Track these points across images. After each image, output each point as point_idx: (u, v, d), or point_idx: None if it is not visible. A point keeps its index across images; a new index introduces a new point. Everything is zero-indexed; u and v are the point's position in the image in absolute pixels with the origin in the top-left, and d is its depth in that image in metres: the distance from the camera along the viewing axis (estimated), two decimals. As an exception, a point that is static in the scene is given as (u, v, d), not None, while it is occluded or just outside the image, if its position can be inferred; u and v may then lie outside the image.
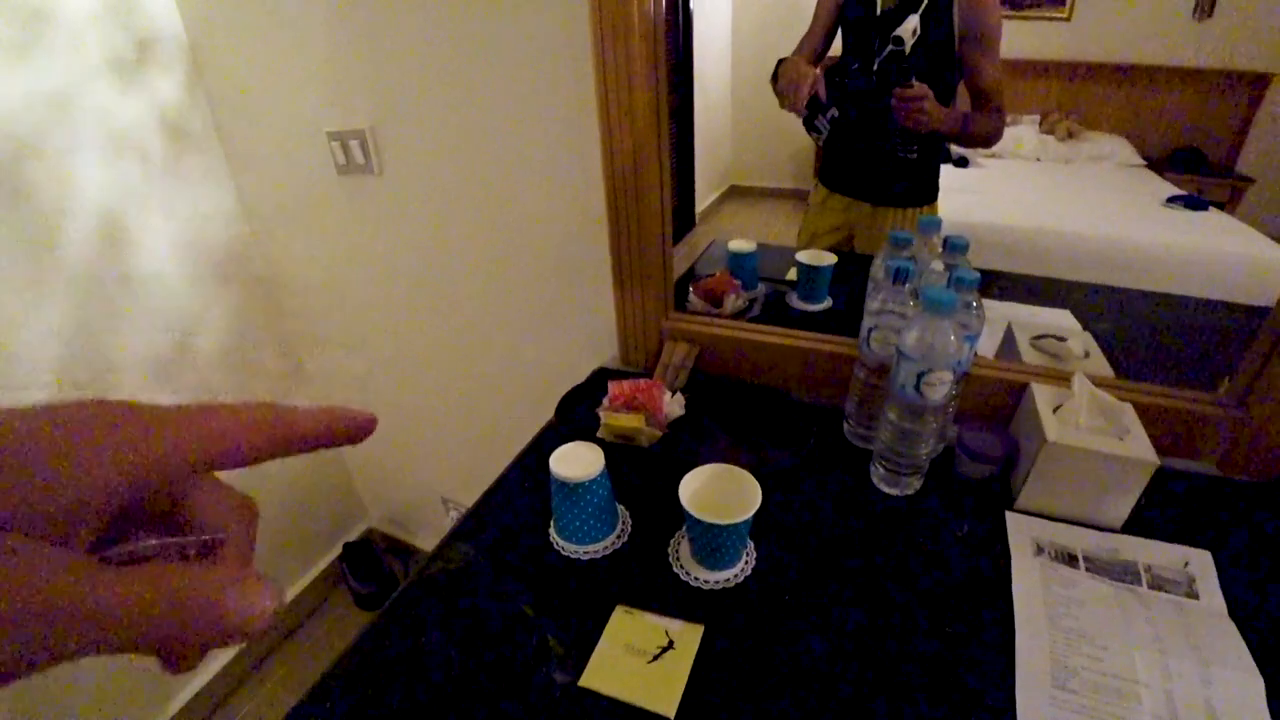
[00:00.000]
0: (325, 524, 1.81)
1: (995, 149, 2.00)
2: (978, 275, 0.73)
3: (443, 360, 1.39)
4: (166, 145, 1.26)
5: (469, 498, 1.57)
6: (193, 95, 1.28)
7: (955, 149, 1.95)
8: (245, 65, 1.21)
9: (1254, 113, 1.73)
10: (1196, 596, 0.65)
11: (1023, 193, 1.78)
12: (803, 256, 1.10)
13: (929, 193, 1.13)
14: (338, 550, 1.82)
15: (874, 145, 1.06)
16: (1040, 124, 2.11)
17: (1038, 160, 1.99)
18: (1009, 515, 0.74)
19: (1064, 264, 1.37)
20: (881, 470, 0.78)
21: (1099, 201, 1.70)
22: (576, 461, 0.67)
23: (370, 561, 1.75)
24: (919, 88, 0.94)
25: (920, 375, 0.69)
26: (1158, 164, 1.85)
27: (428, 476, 1.65)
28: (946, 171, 1.92)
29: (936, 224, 0.87)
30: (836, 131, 1.08)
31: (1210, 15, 1.76)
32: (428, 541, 1.82)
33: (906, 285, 0.74)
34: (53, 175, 1.10)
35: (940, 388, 0.69)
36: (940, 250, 0.84)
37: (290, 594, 1.71)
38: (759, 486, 0.64)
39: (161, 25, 1.20)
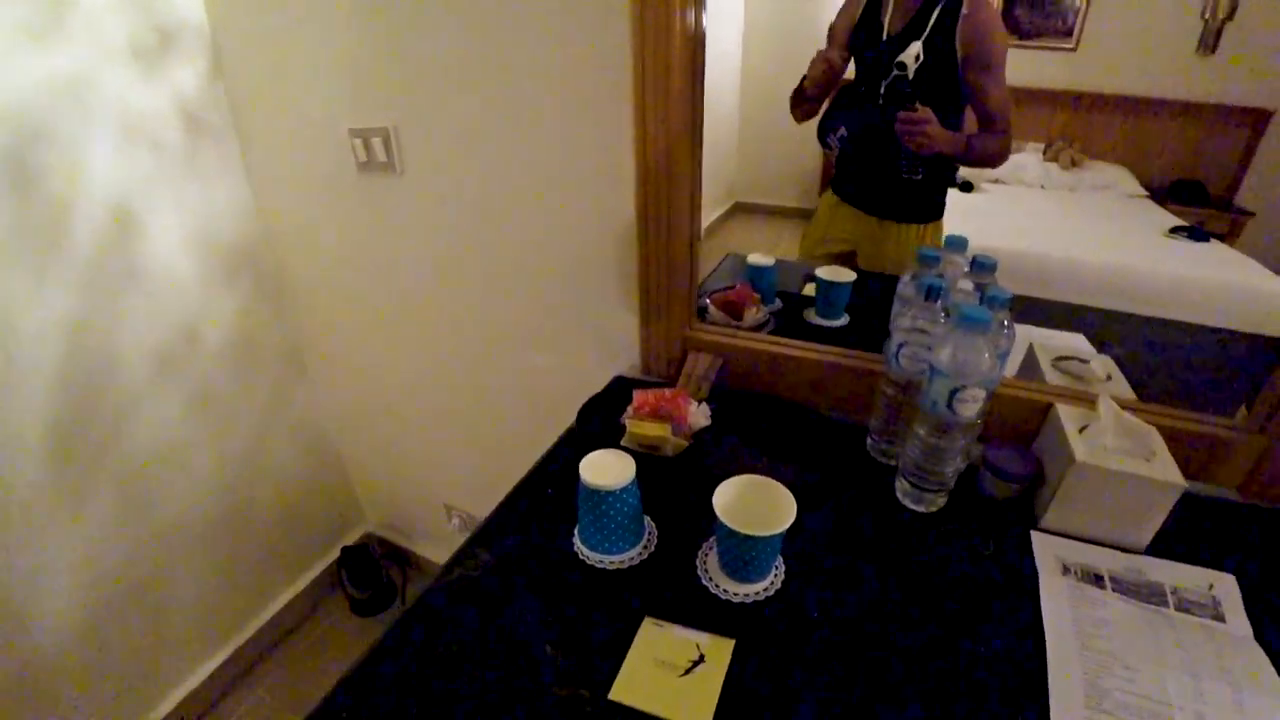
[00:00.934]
0: (321, 528, 1.78)
1: (1000, 175, 2.04)
2: (1010, 295, 0.73)
3: (451, 364, 1.38)
4: (182, 136, 1.25)
5: (473, 504, 1.56)
6: (212, 87, 1.27)
7: (961, 173, 1.98)
8: (267, 59, 1.21)
9: (1254, 147, 1.76)
10: (1223, 620, 0.65)
11: (1027, 219, 1.80)
12: (822, 273, 1.11)
13: (935, 210, 1.16)
14: (333, 555, 1.79)
15: (882, 165, 1.09)
16: (1044, 152, 2.14)
17: (1041, 187, 2.02)
18: (1034, 535, 0.74)
19: (1069, 290, 1.39)
20: (907, 486, 0.78)
21: (1103, 230, 1.73)
22: (606, 469, 0.67)
23: (368, 567, 1.72)
24: (922, 111, 0.97)
25: (953, 392, 0.69)
26: (1159, 195, 1.88)
27: (430, 482, 1.63)
28: (952, 196, 1.95)
29: (963, 243, 0.88)
30: (847, 148, 1.10)
31: (1214, 51, 1.80)
32: (427, 549, 1.79)
33: (938, 303, 0.75)
34: (65, 162, 1.08)
35: (972, 404, 0.69)
36: (966, 269, 0.85)
37: (283, 598, 1.67)
38: (793, 499, 0.64)
39: (184, 15, 1.20)
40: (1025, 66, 2.17)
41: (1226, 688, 0.59)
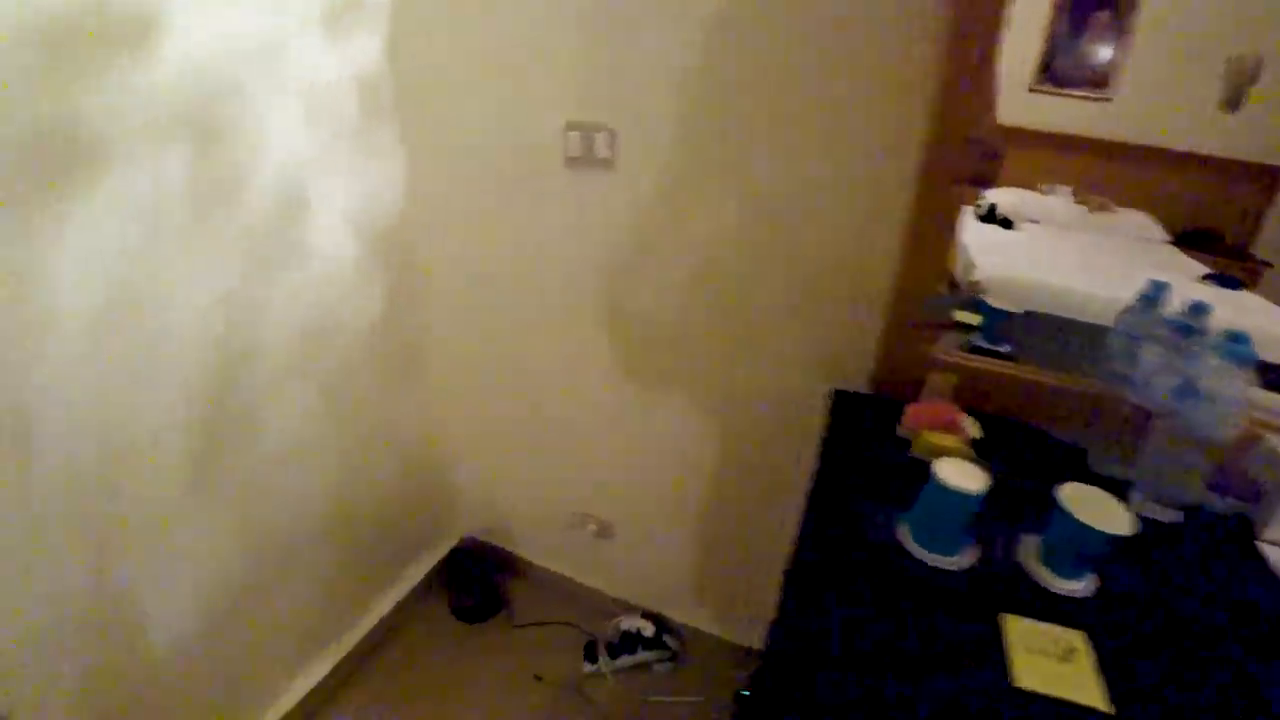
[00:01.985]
0: (422, 531, 1.73)
1: (1034, 215, 2.26)
2: (1247, 334, 0.87)
3: (614, 370, 1.38)
4: (356, 112, 1.23)
5: (609, 511, 1.53)
6: (385, 65, 1.24)
7: (1001, 211, 2.18)
8: (455, 41, 1.21)
9: (1270, 201, 2.04)
10: None
11: (1058, 256, 2.00)
12: (993, 302, 1.22)
13: None
14: (433, 560, 1.74)
15: None
16: (1074, 195, 2.38)
17: (1071, 229, 2.25)
18: (1259, 545, 0.87)
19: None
20: (1149, 501, 0.89)
21: (1141, 274, 1.96)
22: (964, 475, 0.74)
23: (475, 573, 1.68)
24: None
25: (1223, 417, 0.81)
26: (1177, 241, 2.13)
27: (560, 489, 1.60)
28: (993, 231, 2.15)
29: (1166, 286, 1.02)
30: None
31: (1237, 109, 2.08)
32: (536, 554, 1.76)
33: (1191, 338, 0.87)
34: (247, 122, 1.04)
35: (1233, 427, 0.82)
36: (1180, 310, 0.98)
37: (386, 604, 1.61)
38: (1123, 507, 0.73)
39: None
40: (1061, 113, 2.41)
41: None
